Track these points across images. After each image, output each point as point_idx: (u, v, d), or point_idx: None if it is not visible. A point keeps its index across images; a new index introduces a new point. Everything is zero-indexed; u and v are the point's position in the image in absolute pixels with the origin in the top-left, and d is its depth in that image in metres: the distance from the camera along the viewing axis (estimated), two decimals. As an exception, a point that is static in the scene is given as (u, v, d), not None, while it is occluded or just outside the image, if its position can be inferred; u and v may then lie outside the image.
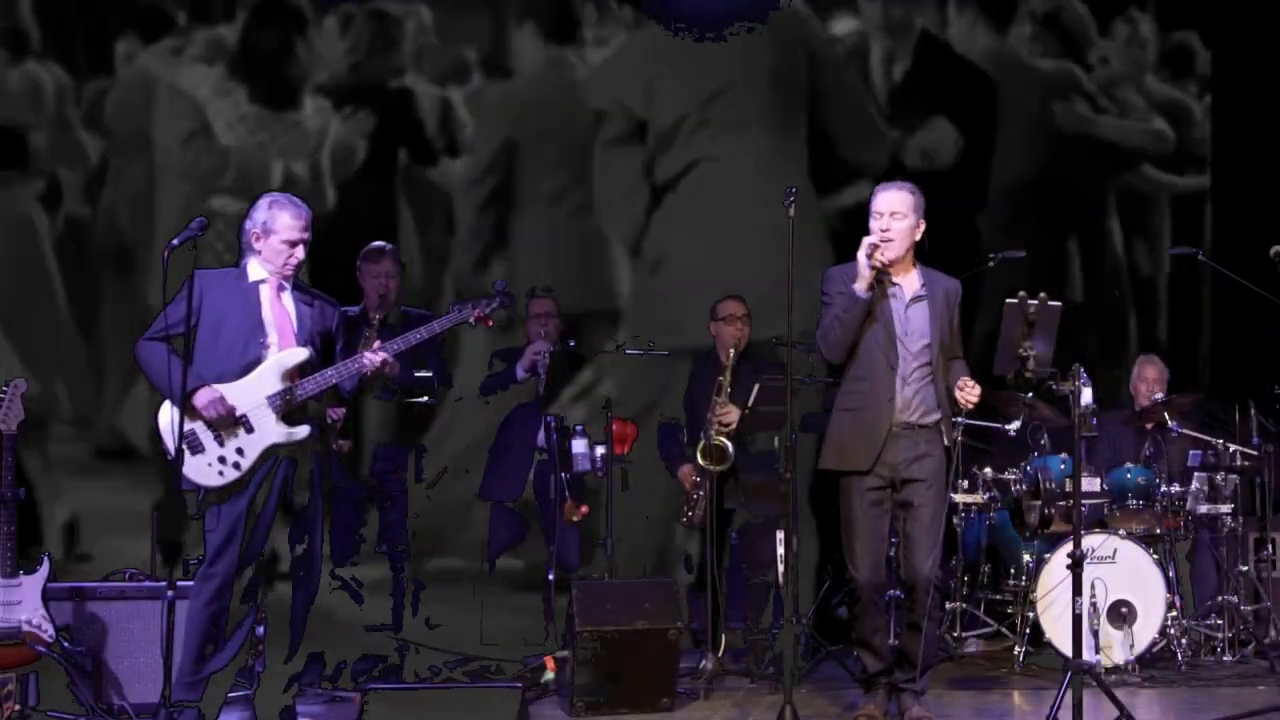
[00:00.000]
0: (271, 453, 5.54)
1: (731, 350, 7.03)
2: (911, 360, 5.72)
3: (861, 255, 5.65)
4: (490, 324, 5.97)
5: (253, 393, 5.52)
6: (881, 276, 5.69)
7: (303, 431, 5.57)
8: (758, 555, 7.15)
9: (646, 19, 9.08)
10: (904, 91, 9.36)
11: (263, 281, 5.62)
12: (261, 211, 5.62)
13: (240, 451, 5.50)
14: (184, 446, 5.41)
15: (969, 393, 5.64)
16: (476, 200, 9.11)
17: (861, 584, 5.73)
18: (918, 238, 5.78)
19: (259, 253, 5.61)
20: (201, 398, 5.43)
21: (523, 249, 9.08)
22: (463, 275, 8.94)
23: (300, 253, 5.61)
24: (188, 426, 5.43)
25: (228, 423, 5.47)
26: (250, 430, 5.51)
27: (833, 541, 6.18)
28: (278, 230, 5.59)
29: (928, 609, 5.72)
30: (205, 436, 5.47)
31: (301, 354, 5.59)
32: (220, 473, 5.48)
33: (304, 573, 5.65)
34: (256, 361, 5.54)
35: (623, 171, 9.15)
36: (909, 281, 5.80)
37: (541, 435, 7.19)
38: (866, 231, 5.74)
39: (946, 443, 5.76)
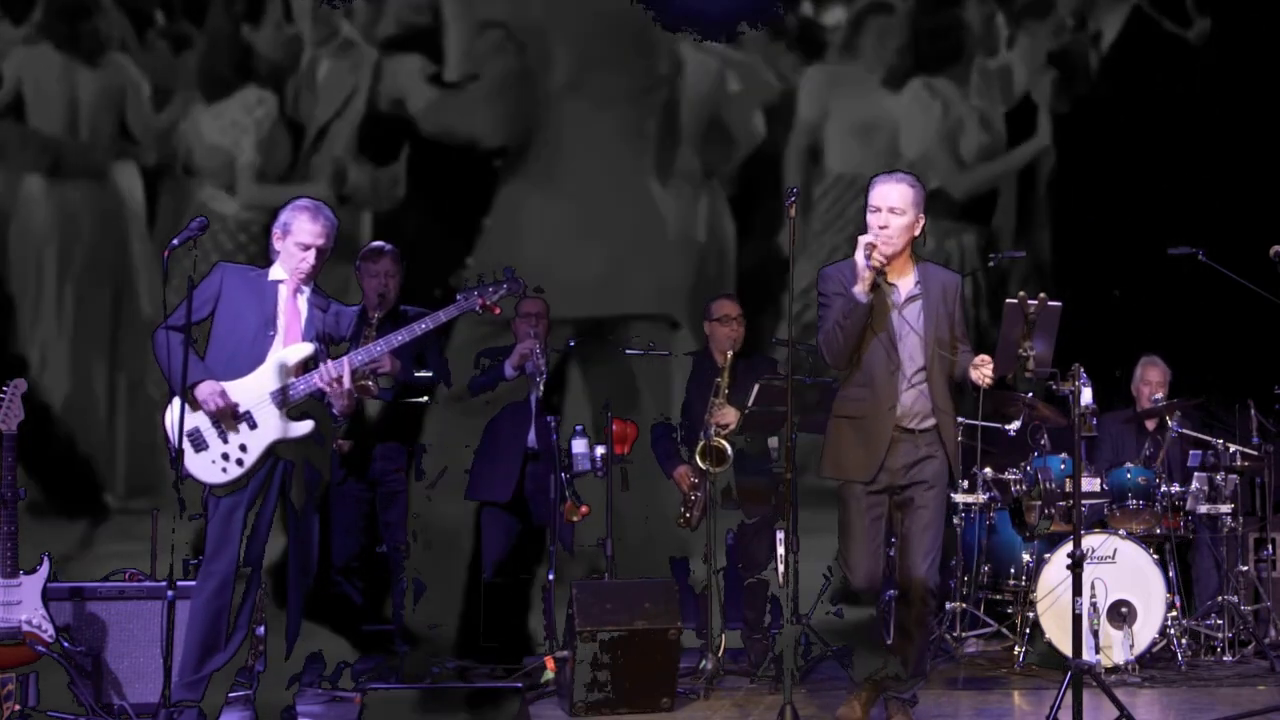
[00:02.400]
0: (275, 449, 5.55)
1: (729, 351, 7.03)
2: (909, 364, 5.52)
3: (859, 256, 5.38)
4: (498, 311, 5.93)
5: (256, 388, 5.54)
6: (879, 278, 5.45)
7: (306, 426, 5.59)
8: (754, 555, 7.16)
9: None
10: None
11: (281, 281, 5.67)
12: (285, 213, 5.71)
13: (244, 448, 5.52)
14: (187, 444, 5.43)
15: (987, 368, 5.41)
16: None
17: (858, 589, 5.57)
18: (917, 233, 5.54)
19: (279, 253, 5.69)
20: (203, 390, 5.47)
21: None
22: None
23: (311, 258, 5.64)
24: (191, 425, 5.46)
25: (229, 416, 5.48)
26: (254, 426, 5.53)
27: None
28: (294, 233, 5.66)
29: (922, 615, 5.56)
30: (209, 434, 5.50)
31: (305, 349, 5.61)
32: (224, 469, 5.51)
33: (300, 571, 5.65)
34: (263, 355, 5.57)
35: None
36: (905, 281, 5.56)
37: (533, 435, 7.20)
38: (862, 230, 5.52)
39: (947, 444, 5.58)
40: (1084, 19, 9.53)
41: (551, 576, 6.92)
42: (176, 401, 5.46)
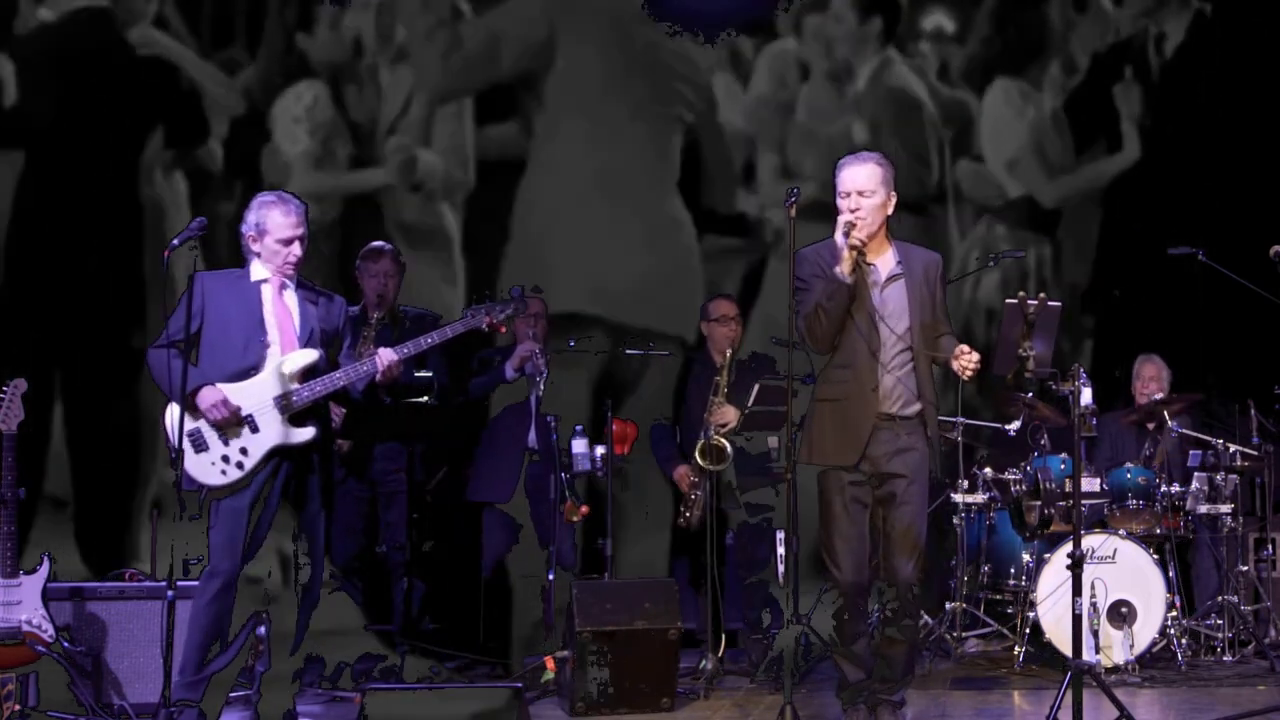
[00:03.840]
0: (276, 453, 5.54)
1: (727, 350, 7.03)
2: (892, 345, 5.36)
3: (839, 236, 5.25)
4: (504, 330, 5.96)
5: (259, 393, 5.53)
6: (859, 258, 5.28)
7: (308, 433, 5.57)
8: (753, 555, 7.16)
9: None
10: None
11: (265, 281, 5.63)
12: (253, 213, 5.65)
13: (244, 451, 5.50)
14: (188, 444, 5.42)
15: (966, 359, 5.25)
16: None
17: (844, 585, 5.37)
18: (890, 212, 5.39)
19: (258, 255, 5.63)
20: (205, 398, 5.44)
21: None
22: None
23: (297, 249, 5.61)
24: (191, 425, 5.45)
25: (231, 422, 5.47)
26: (255, 430, 5.52)
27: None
28: (270, 230, 5.60)
29: (909, 615, 5.45)
30: (210, 435, 5.49)
31: (310, 356, 5.60)
32: (223, 471, 5.49)
33: (306, 576, 5.66)
34: (258, 361, 5.55)
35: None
36: (884, 260, 5.42)
37: (533, 435, 7.20)
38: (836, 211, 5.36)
39: (930, 434, 5.44)
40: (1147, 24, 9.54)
41: (551, 576, 6.93)
42: (173, 404, 5.45)
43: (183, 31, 8.84)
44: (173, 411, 5.45)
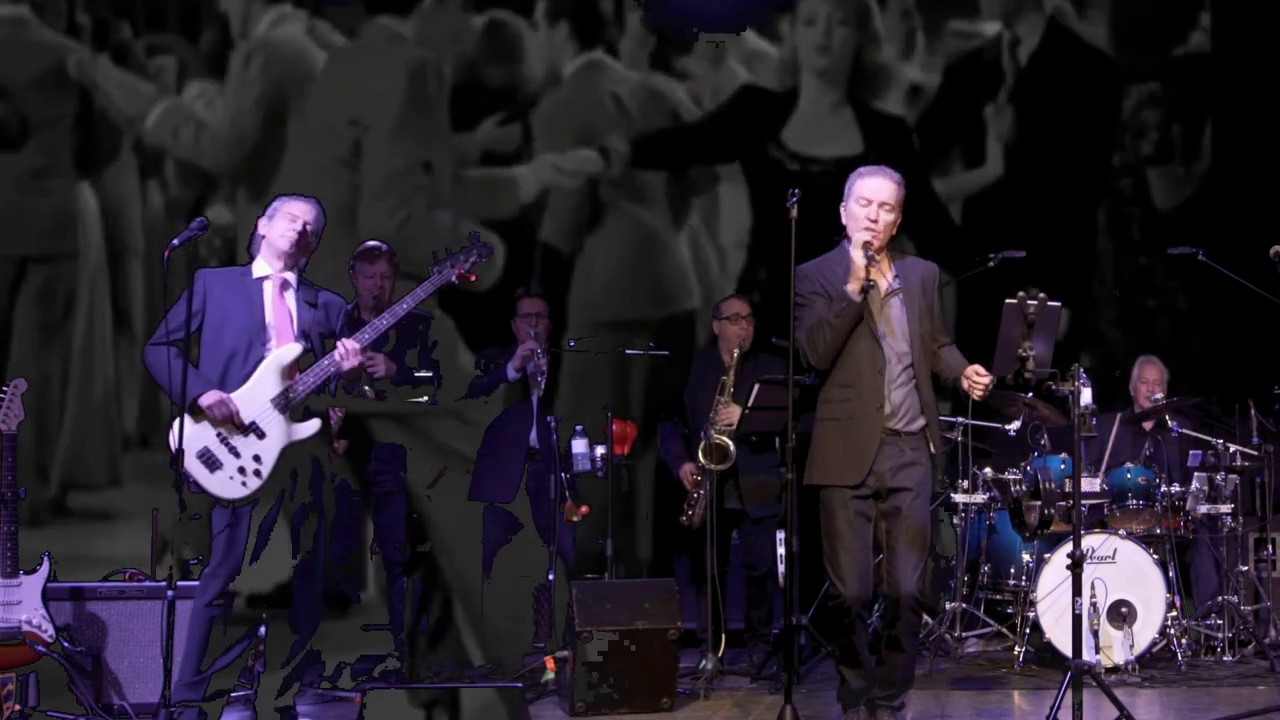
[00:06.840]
0: (286, 453, 5.54)
1: (735, 350, 7.03)
2: (896, 362, 5.36)
3: (858, 254, 5.31)
4: (474, 279, 5.88)
5: (257, 398, 5.52)
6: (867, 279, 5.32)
7: (312, 426, 5.59)
8: (757, 555, 7.16)
9: None
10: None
11: (266, 278, 5.64)
12: (276, 201, 5.74)
13: (258, 459, 5.51)
14: (201, 467, 5.43)
15: (978, 379, 5.30)
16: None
17: (849, 599, 5.35)
18: (893, 231, 5.42)
19: (264, 236, 5.66)
20: (207, 399, 5.45)
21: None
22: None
23: (298, 227, 5.62)
24: (201, 446, 5.46)
25: (234, 425, 5.47)
26: (262, 436, 5.52)
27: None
28: (280, 213, 5.67)
29: (910, 626, 5.44)
30: (219, 451, 5.48)
31: (295, 350, 5.60)
32: (244, 483, 5.50)
33: (306, 575, 5.66)
34: (258, 364, 5.55)
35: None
36: (883, 278, 5.43)
37: (535, 435, 7.20)
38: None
39: (933, 450, 5.44)
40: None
41: (551, 576, 6.92)
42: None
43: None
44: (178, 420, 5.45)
